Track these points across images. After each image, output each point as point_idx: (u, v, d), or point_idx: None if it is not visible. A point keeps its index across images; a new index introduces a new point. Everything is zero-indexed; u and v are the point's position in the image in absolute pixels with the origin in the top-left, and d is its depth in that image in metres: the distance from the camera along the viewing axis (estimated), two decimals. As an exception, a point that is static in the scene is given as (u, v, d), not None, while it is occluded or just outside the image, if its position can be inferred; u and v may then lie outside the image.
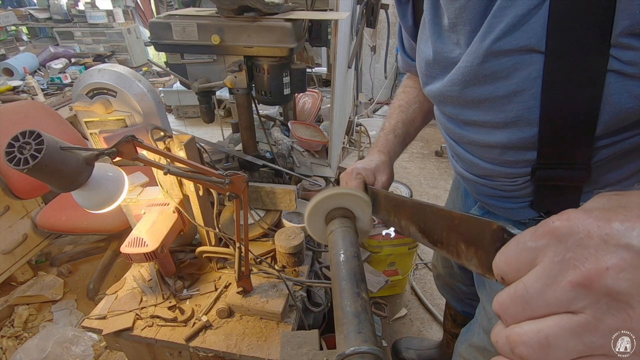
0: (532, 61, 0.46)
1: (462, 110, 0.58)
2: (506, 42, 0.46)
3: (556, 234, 0.21)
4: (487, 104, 0.53)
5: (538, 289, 0.21)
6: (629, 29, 0.38)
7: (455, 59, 0.56)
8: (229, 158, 1.40)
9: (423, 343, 1.57)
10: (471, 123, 0.59)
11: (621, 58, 0.40)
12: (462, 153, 0.66)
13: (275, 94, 1.11)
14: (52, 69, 2.67)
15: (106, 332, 0.92)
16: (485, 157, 0.61)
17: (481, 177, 0.66)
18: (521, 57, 0.46)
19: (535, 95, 0.47)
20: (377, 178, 0.72)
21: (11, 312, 1.80)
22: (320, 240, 0.75)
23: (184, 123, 3.91)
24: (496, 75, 0.49)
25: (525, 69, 0.47)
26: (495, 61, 0.48)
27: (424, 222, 0.44)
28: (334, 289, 0.55)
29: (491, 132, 0.55)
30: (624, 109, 0.43)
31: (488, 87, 0.51)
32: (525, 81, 0.47)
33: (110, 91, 0.99)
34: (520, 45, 0.45)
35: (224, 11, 1.00)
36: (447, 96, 0.59)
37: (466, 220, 0.35)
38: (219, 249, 1.05)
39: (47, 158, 0.57)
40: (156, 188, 1.04)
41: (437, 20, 0.60)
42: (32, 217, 1.90)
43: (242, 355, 0.88)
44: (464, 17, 0.52)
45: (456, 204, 0.95)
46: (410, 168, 3.20)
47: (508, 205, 0.66)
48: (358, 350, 0.43)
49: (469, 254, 0.34)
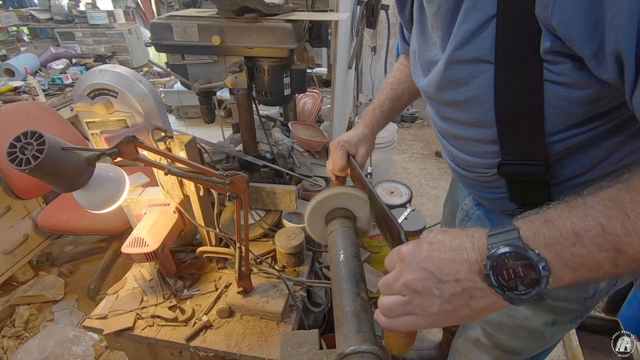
0: (485, 70, 0.51)
1: (442, 107, 0.64)
2: (463, 52, 0.52)
3: (400, 256, 0.44)
4: (454, 106, 0.60)
5: (391, 282, 0.44)
6: (550, 48, 0.44)
7: (434, 59, 0.62)
8: (229, 158, 1.41)
9: (423, 343, 1.58)
10: (450, 119, 0.64)
11: (553, 70, 0.46)
12: (447, 146, 0.71)
13: (275, 94, 1.11)
14: (53, 69, 2.68)
15: (107, 332, 0.93)
16: (464, 149, 0.66)
17: (464, 168, 0.70)
18: (476, 67, 0.52)
19: (490, 100, 0.52)
20: (359, 150, 0.83)
21: (12, 312, 1.80)
22: (320, 240, 0.75)
23: (185, 123, 3.92)
24: (458, 82, 0.55)
25: (480, 77, 0.52)
26: (456, 69, 0.54)
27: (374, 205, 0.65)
28: (334, 289, 0.55)
29: (465, 128, 0.61)
30: (565, 111, 0.49)
31: (453, 92, 0.57)
32: (480, 88, 0.53)
33: (112, 92, 0.99)
34: (475, 56, 0.51)
35: (224, 12, 1.01)
36: (428, 94, 0.65)
37: (390, 219, 0.56)
38: (220, 249, 1.05)
39: (49, 158, 0.58)
40: (157, 188, 1.04)
41: (422, 20, 0.65)
42: (33, 217, 1.91)
43: (243, 355, 0.88)
44: (437, 22, 0.57)
45: (454, 196, 0.98)
46: (411, 168, 3.19)
47: (491, 196, 0.69)
48: (358, 350, 0.44)
49: (389, 240, 0.60)
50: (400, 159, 3.34)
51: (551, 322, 0.72)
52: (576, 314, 0.72)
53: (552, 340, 0.79)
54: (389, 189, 1.84)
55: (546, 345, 0.80)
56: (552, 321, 0.72)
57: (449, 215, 1.02)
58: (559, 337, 0.79)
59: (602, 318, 1.64)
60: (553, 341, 0.80)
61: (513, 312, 0.74)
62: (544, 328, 0.73)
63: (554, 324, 0.72)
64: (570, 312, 0.71)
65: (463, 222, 0.83)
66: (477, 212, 0.78)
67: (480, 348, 0.87)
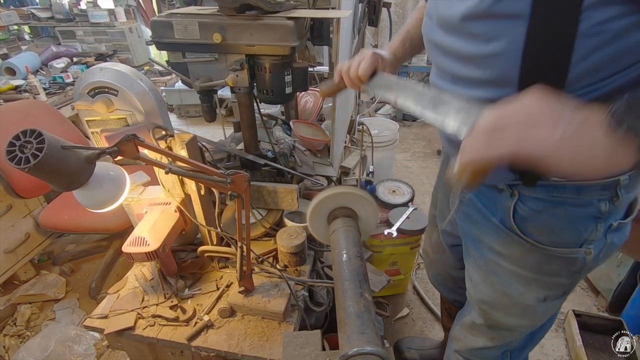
0: (518, 25, 0.50)
1: (455, 64, 0.63)
2: (499, 5, 0.51)
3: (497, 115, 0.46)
4: (473, 62, 0.59)
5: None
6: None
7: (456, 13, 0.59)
8: (230, 157, 1.40)
9: (425, 343, 1.57)
10: (461, 78, 0.63)
11: (592, 20, 0.46)
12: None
13: (277, 92, 1.11)
14: (54, 68, 2.67)
15: (108, 331, 0.92)
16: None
17: None
18: (511, 22, 0.51)
19: (517, 55, 0.52)
20: (385, 70, 0.82)
21: (14, 310, 1.80)
22: (323, 240, 0.74)
23: (186, 122, 3.91)
24: (486, 36, 0.54)
25: (512, 32, 0.51)
26: (487, 23, 0.54)
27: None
28: (337, 290, 0.55)
29: (477, 87, 0.60)
30: (592, 66, 0.50)
31: (477, 45, 0.56)
32: (510, 43, 0.52)
33: (112, 90, 0.99)
34: (511, 10, 0.50)
35: (225, 9, 1.00)
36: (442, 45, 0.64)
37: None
38: (221, 249, 1.05)
39: (48, 157, 0.57)
40: (158, 187, 1.04)
41: None
42: (34, 216, 1.91)
43: (244, 355, 0.88)
44: None
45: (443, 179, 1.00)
46: (412, 167, 3.19)
47: None
48: (361, 351, 0.43)
49: None
50: (402, 158, 3.33)
51: (543, 298, 0.75)
52: (565, 288, 0.75)
53: (543, 317, 0.82)
54: (391, 188, 1.83)
55: (538, 321, 0.83)
56: (544, 297, 0.75)
57: (442, 201, 1.02)
58: (548, 314, 0.82)
59: (605, 318, 1.63)
60: (543, 319, 0.83)
61: (507, 289, 0.77)
62: (536, 304, 0.76)
63: (545, 299, 0.76)
64: (560, 287, 0.74)
65: (458, 208, 0.84)
66: (467, 194, 0.80)
67: (475, 332, 0.92)
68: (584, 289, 1.92)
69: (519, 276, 0.74)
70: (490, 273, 0.79)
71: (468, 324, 0.93)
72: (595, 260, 0.69)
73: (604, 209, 0.63)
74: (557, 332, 1.70)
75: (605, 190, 0.62)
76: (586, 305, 1.83)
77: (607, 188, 0.62)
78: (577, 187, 0.62)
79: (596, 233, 0.65)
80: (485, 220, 0.75)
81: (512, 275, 0.75)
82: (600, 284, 1.84)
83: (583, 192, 0.62)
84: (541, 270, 0.71)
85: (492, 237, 0.75)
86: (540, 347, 1.63)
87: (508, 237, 0.71)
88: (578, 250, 0.67)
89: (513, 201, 0.68)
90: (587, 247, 0.66)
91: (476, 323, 0.89)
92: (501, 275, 0.77)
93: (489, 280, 0.80)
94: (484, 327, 0.88)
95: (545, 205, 0.65)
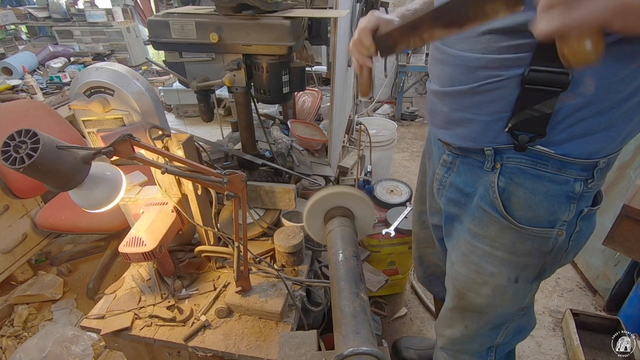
0: None
1: None
2: None
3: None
4: None
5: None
6: None
7: None
8: (228, 157, 1.40)
9: (423, 342, 1.57)
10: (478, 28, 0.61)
11: None
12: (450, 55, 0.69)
13: (274, 92, 1.10)
14: (52, 68, 2.66)
15: (105, 332, 0.92)
16: (476, 49, 0.64)
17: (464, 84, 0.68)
18: None
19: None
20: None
21: (11, 311, 1.80)
22: (319, 239, 0.74)
23: (184, 122, 3.90)
24: None
25: None
26: None
27: (447, 15, 0.53)
28: (333, 289, 0.55)
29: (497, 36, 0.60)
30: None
31: None
32: None
33: (108, 90, 0.98)
34: None
35: (222, 9, 1.00)
36: None
37: None
38: (218, 249, 1.05)
39: (43, 157, 0.57)
40: (154, 187, 1.03)
41: None
42: (31, 217, 1.90)
43: (241, 355, 0.88)
44: None
45: (428, 164, 1.02)
46: (411, 167, 3.19)
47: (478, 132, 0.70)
48: (356, 351, 0.43)
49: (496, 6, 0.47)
50: (400, 158, 3.33)
51: (514, 279, 0.78)
52: (537, 271, 0.78)
53: (513, 300, 0.83)
54: (389, 187, 1.83)
55: (508, 303, 0.85)
56: (515, 277, 0.78)
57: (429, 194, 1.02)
58: (519, 298, 0.84)
59: (602, 317, 1.63)
60: (513, 302, 0.84)
61: (480, 268, 0.80)
62: (507, 284, 0.79)
63: (517, 280, 0.78)
64: (531, 268, 0.77)
65: (440, 192, 0.86)
66: (449, 178, 0.82)
67: (450, 322, 0.96)
68: (582, 288, 1.93)
69: (493, 256, 0.77)
70: (467, 253, 0.82)
71: (443, 314, 0.98)
72: (565, 244, 0.73)
73: (577, 190, 0.67)
74: (554, 332, 1.71)
75: (584, 170, 0.65)
76: (584, 305, 1.84)
77: (586, 169, 0.65)
78: (561, 162, 0.65)
79: (569, 214, 0.69)
80: (466, 198, 0.79)
81: (485, 255, 0.78)
82: (597, 283, 1.84)
83: (564, 169, 0.65)
84: (515, 250, 0.74)
85: (470, 218, 0.79)
86: (537, 347, 1.64)
87: (485, 215, 0.74)
88: (551, 231, 0.71)
89: (495, 174, 0.71)
90: (559, 228, 0.70)
91: (449, 308, 0.93)
92: (476, 254, 0.80)
93: (464, 260, 0.83)
94: (457, 313, 0.92)
95: (526, 178, 0.68)
